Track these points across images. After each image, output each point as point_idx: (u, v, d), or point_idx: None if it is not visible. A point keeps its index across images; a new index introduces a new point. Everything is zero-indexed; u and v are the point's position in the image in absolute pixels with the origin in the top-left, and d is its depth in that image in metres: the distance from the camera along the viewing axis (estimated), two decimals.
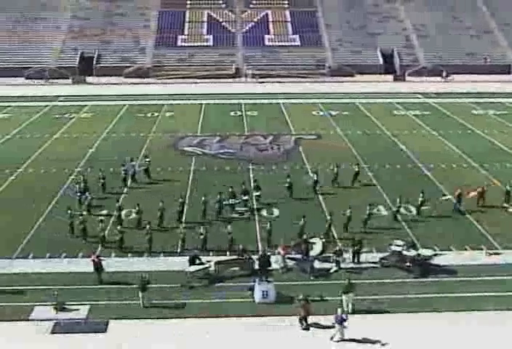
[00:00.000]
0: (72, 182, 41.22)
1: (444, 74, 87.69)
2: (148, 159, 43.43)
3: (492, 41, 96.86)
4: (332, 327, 23.38)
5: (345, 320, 22.94)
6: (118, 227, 31.65)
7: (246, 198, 36.57)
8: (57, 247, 30.85)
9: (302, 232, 31.11)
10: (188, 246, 30.47)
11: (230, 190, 36.75)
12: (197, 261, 28.26)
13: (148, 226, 31.19)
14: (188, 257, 28.46)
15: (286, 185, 38.59)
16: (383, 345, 22.66)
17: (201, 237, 30.78)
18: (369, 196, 37.32)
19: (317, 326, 23.91)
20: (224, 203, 35.68)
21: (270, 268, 28.13)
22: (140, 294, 25.29)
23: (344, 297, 24.79)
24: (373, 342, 22.82)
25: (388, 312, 24.85)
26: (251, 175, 42.31)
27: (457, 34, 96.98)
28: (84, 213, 34.30)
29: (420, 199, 35.32)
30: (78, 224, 32.33)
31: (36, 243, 31.67)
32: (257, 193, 37.50)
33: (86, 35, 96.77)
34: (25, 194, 39.29)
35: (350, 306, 24.66)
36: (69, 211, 33.17)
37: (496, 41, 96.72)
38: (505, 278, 27.67)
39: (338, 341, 22.94)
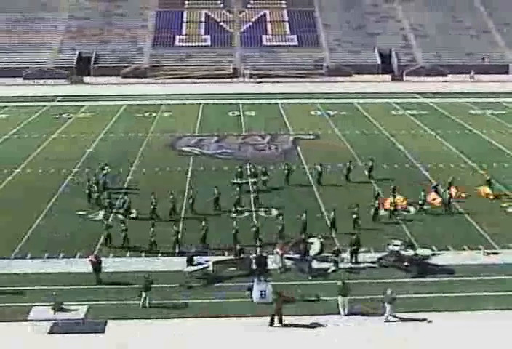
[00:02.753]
0: (70, 181, 41.39)
1: (472, 74, 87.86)
2: (106, 167, 41.53)
3: (490, 41, 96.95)
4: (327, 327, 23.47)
5: (395, 299, 23.94)
6: (175, 228, 31.03)
7: (254, 180, 39.68)
8: (56, 247, 30.83)
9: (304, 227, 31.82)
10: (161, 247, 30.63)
11: (239, 170, 40.57)
12: (194, 261, 28.38)
13: (203, 222, 31.17)
14: (186, 257, 28.53)
15: (285, 172, 40.81)
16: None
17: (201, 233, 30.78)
18: (366, 195, 37.29)
19: (316, 325, 23.94)
20: (232, 181, 38.92)
21: (266, 268, 28.12)
22: (143, 294, 25.24)
23: (340, 299, 24.78)
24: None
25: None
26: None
27: (455, 34, 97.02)
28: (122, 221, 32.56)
29: (422, 198, 35.74)
30: (120, 232, 31.06)
31: (35, 243, 31.64)
32: (264, 178, 39.99)
33: (84, 35, 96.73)
34: (23, 194, 39.25)
35: (346, 309, 24.63)
36: (105, 222, 31.95)
37: (494, 41, 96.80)
38: (504, 277, 27.68)
39: (394, 320, 24.07)
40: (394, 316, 24.23)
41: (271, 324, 23.91)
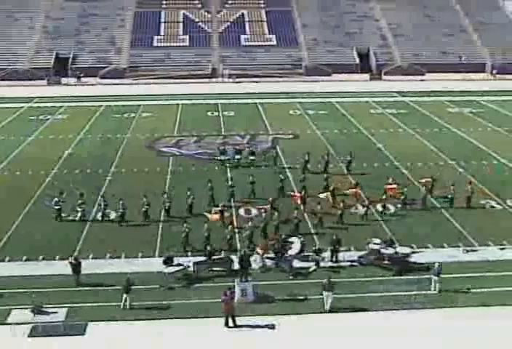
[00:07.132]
0: (49, 183, 41.07)
1: (494, 72, 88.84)
2: (62, 196, 36.52)
3: (467, 39, 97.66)
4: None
5: (440, 272, 26.05)
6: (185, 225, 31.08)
7: (238, 157, 44.42)
8: (35, 249, 30.57)
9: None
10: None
11: (221, 147, 46.15)
12: (174, 262, 28.28)
13: (230, 226, 31.12)
14: (162, 258, 28.47)
15: (273, 155, 45.35)
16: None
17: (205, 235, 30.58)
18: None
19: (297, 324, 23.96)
20: (215, 158, 44.80)
21: (249, 268, 28.08)
22: (124, 296, 25.11)
23: (325, 293, 24.84)
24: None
25: (367, 310, 24.96)
26: (228, 175, 42.24)
27: (432, 33, 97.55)
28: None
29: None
30: (182, 232, 30.72)
31: (13, 245, 31.36)
32: (252, 158, 44.61)
33: (61, 35, 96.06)
34: (1, 196, 38.91)
35: (329, 304, 24.71)
36: (185, 225, 31.04)
37: (470, 40, 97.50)
38: (483, 274, 27.87)
39: (439, 291, 26.07)
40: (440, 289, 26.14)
41: (227, 324, 23.92)
